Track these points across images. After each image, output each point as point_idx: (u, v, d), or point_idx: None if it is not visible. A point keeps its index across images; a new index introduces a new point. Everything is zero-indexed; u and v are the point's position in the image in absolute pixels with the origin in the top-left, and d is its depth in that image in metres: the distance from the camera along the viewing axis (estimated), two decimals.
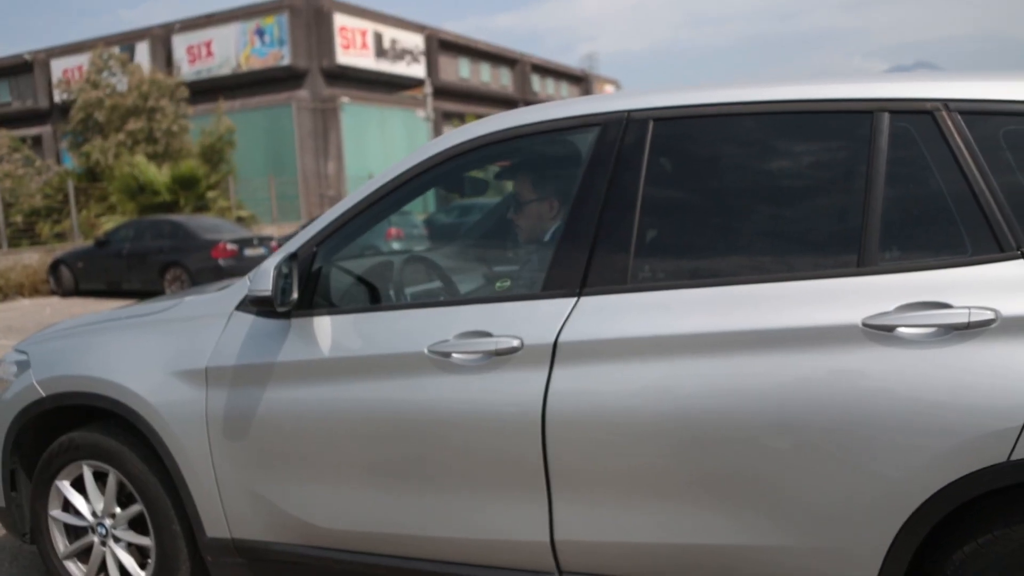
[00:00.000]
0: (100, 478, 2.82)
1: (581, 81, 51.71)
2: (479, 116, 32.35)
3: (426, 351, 2.21)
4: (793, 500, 1.91)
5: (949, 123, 1.90)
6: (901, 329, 1.81)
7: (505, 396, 2.11)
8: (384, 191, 2.46)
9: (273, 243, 14.38)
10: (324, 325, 2.38)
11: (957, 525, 1.83)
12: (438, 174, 2.46)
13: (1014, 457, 1.71)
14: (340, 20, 30.23)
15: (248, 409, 2.45)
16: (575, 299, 2.11)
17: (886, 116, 1.95)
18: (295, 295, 2.37)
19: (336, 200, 29.40)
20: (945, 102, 1.92)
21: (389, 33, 32.78)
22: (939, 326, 1.79)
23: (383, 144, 32.34)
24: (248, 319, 2.51)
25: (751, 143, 2.12)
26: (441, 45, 35.97)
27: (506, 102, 41.80)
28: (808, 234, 2.03)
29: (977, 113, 1.90)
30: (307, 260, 2.45)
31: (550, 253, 2.24)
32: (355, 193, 2.51)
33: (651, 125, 2.15)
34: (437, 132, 32.81)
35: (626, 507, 2.05)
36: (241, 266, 13.12)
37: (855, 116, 1.98)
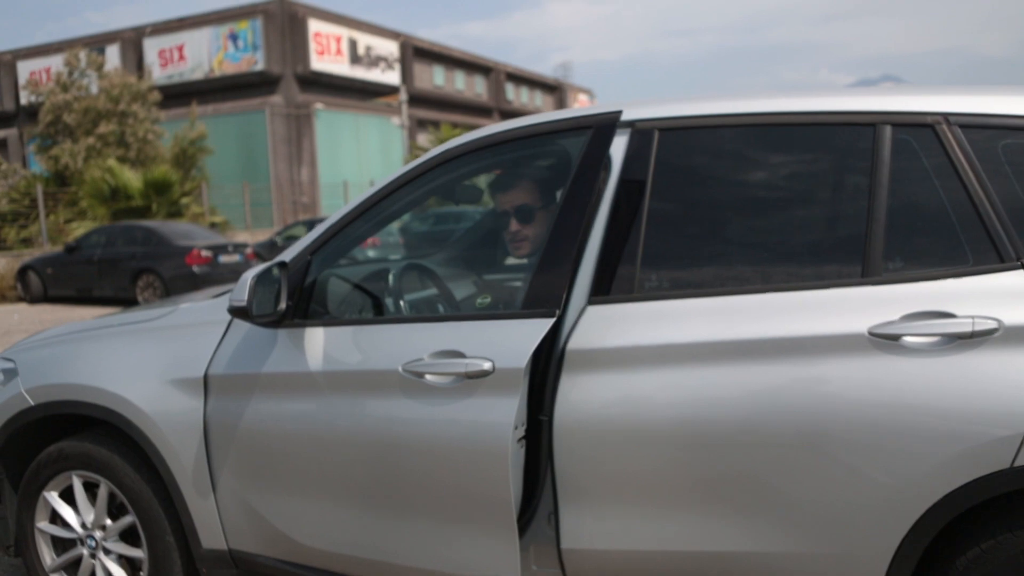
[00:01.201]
0: (90, 489, 2.77)
1: (555, 90, 51.95)
2: (454, 124, 32.36)
3: (400, 370, 2.18)
4: (800, 506, 1.92)
5: (950, 136, 1.94)
6: (906, 338, 1.84)
7: (474, 423, 2.07)
8: (378, 197, 2.45)
9: (248, 250, 14.24)
10: (310, 337, 2.36)
11: (961, 531, 1.86)
12: (432, 179, 2.45)
13: (1017, 463, 1.75)
14: (315, 26, 30.10)
15: (242, 419, 2.42)
16: (552, 320, 2.07)
17: (888, 129, 1.99)
18: (283, 305, 2.34)
19: (309, 207, 29.20)
20: (946, 115, 1.96)
21: (364, 40, 32.70)
22: (943, 335, 1.82)
23: (357, 151, 32.23)
24: (246, 328, 2.48)
25: (756, 154, 2.14)
26: (416, 52, 35.95)
27: (480, 110, 41.89)
28: (813, 244, 2.05)
29: (977, 127, 1.94)
30: (301, 269, 2.43)
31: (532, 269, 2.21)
32: (352, 201, 2.50)
33: (655, 136, 2.17)
34: (412, 140, 32.77)
35: (634, 515, 2.06)
36: (216, 273, 12.97)
37: (858, 128, 2.02)
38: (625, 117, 2.22)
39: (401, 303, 2.69)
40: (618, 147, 2.20)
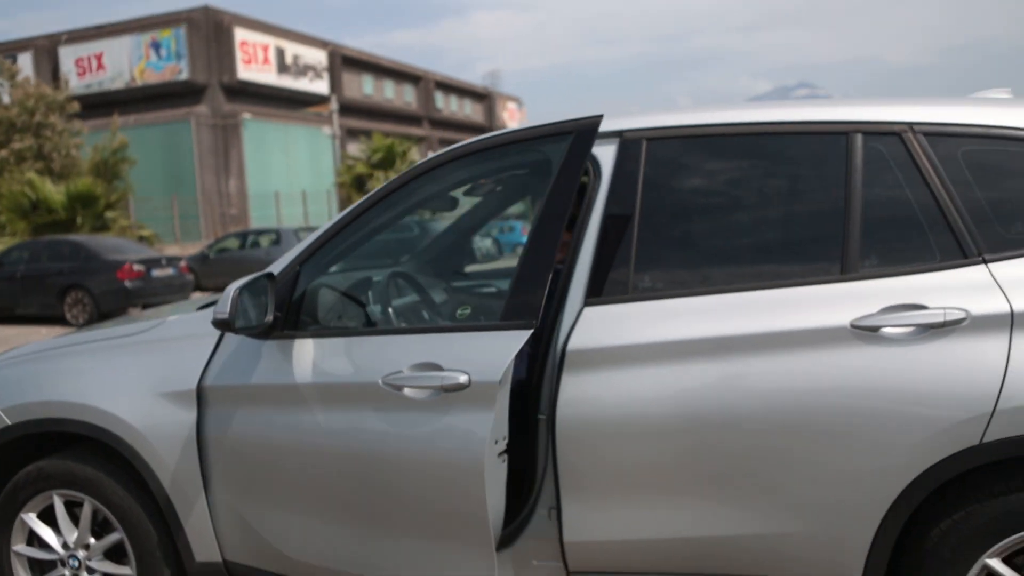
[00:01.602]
0: (70, 508, 2.71)
1: (484, 98, 52.23)
2: (386, 134, 32.09)
3: (380, 382, 2.19)
4: (792, 489, 2.05)
5: (915, 143, 2.11)
6: (885, 329, 2.00)
7: (450, 437, 2.09)
8: (366, 206, 2.48)
9: (182, 263, 13.89)
10: (298, 348, 2.37)
11: (936, 504, 2.02)
12: (417, 188, 2.49)
13: (986, 440, 1.91)
14: (241, 35, 29.57)
15: (235, 430, 2.42)
16: (529, 331, 2.09)
17: (860, 137, 2.15)
18: (270, 317, 2.34)
19: (239, 219, 28.60)
20: (911, 124, 2.13)
21: (291, 48, 32.27)
22: (918, 325, 1.98)
23: (286, 161, 31.73)
24: (239, 339, 2.49)
25: (740, 161, 2.28)
26: (344, 61, 35.65)
27: (410, 119, 41.78)
28: (795, 244, 2.20)
29: (939, 135, 2.11)
30: (289, 281, 2.44)
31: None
32: (342, 211, 2.53)
33: (643, 145, 2.28)
34: (343, 149, 32.44)
35: (634, 505, 2.16)
36: (149, 288, 12.62)
37: (833, 137, 2.17)
38: (614, 127, 2.32)
39: (385, 313, 2.72)
40: (608, 156, 2.30)
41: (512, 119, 57.40)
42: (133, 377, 2.56)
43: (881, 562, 2.02)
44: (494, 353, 2.08)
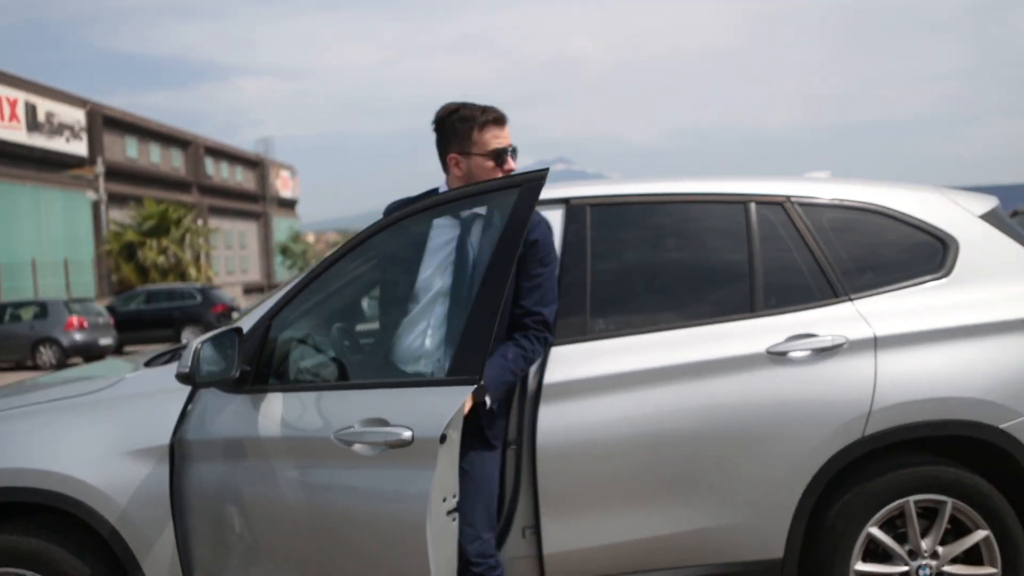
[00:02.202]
0: None
1: (257, 165, 50.93)
2: (156, 200, 30.08)
3: (332, 437, 2.25)
4: (728, 489, 2.55)
5: (794, 211, 2.76)
6: (791, 353, 2.58)
7: (394, 494, 2.15)
8: (328, 263, 2.57)
9: None
10: (264, 402, 2.44)
11: (834, 489, 2.60)
12: (379, 243, 2.59)
13: (866, 433, 2.53)
14: None
15: (208, 484, 2.45)
16: (472, 387, 2.16)
17: (754, 205, 2.76)
18: (235, 372, 2.37)
19: None
20: (788, 197, 2.78)
21: (45, 105, 29.64)
22: (813, 350, 2.59)
23: (38, 227, 28.77)
24: (211, 393, 2.50)
25: (668, 224, 2.81)
26: (106, 122, 33.33)
27: (179, 184, 39.74)
28: (717, 289, 2.75)
29: (809, 205, 2.78)
30: (259, 335, 2.49)
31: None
32: (308, 268, 2.64)
33: (588, 211, 2.74)
34: (107, 215, 30.12)
35: (606, 515, 2.53)
36: None
37: (736, 205, 2.77)
38: (560, 195, 2.75)
39: (343, 367, 2.81)
40: (557, 220, 2.72)
41: (285, 188, 56.36)
42: (94, 438, 2.50)
43: (796, 540, 2.56)
44: (438, 408, 2.14)
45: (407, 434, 2.14)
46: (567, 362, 2.57)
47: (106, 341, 17.48)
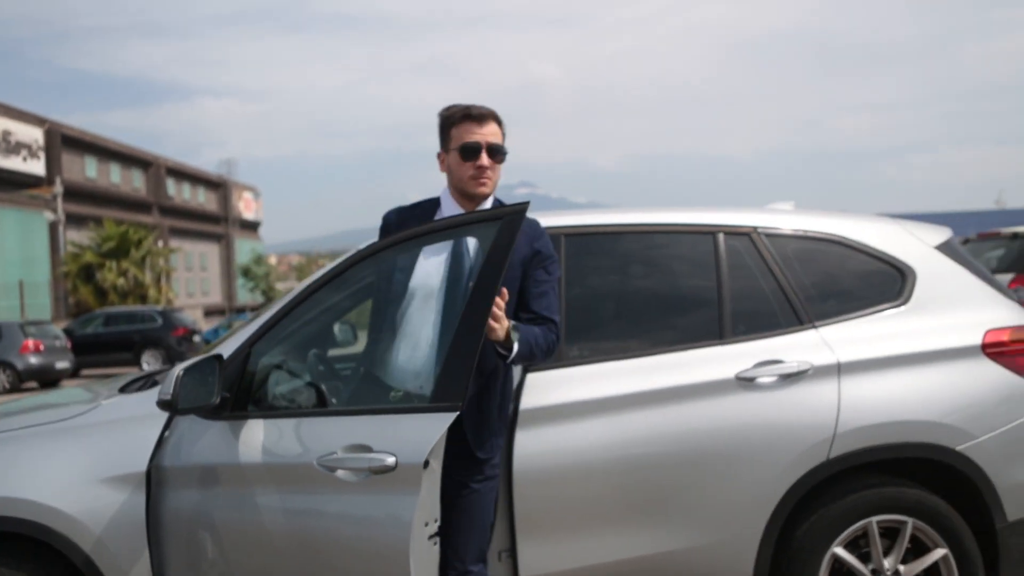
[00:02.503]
0: None
1: (219, 187, 50.45)
2: (116, 220, 29.60)
3: (315, 463, 2.26)
4: (697, 511, 2.62)
5: (761, 242, 2.86)
6: (759, 379, 2.67)
7: (378, 520, 2.17)
8: (309, 291, 2.60)
9: None
10: (244, 429, 2.44)
11: (800, 511, 2.68)
12: (359, 272, 2.62)
13: (831, 456, 2.62)
14: None
15: (187, 510, 2.45)
16: (455, 414, 2.16)
17: (723, 236, 2.86)
18: (216, 399, 2.39)
19: None
20: (755, 228, 2.89)
21: (1, 124, 29.14)
22: (780, 375, 2.68)
23: None
24: (189, 419, 2.50)
25: (639, 253, 2.90)
26: (65, 141, 32.83)
27: (139, 205, 39.20)
28: (687, 317, 2.83)
29: (774, 236, 2.89)
30: (239, 362, 2.52)
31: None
32: (287, 295, 2.66)
33: (562, 240, 2.81)
34: (65, 236, 29.56)
35: (581, 537, 2.58)
36: None
37: (705, 236, 2.86)
38: None
39: (322, 393, 2.82)
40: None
41: (248, 209, 55.87)
42: (67, 464, 2.49)
43: (765, 561, 2.64)
44: (421, 434, 2.16)
45: (391, 460, 2.16)
46: (542, 388, 2.63)
47: (63, 365, 17.09)
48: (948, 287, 2.89)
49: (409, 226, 2.46)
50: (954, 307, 2.85)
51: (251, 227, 57.54)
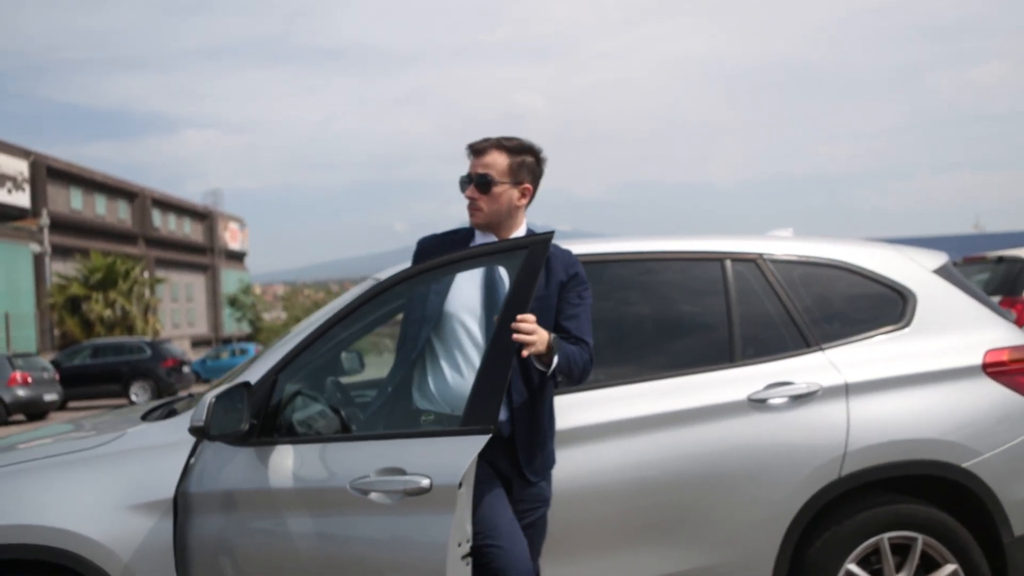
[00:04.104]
0: None
1: (205, 218, 50.34)
2: (102, 252, 29.41)
3: (348, 487, 2.29)
4: (712, 530, 2.68)
5: (767, 268, 2.96)
6: (771, 400, 2.75)
7: (413, 541, 2.21)
8: (339, 317, 2.62)
9: None
10: (273, 454, 2.48)
11: (814, 527, 2.75)
12: (388, 300, 2.67)
13: (843, 474, 2.70)
14: None
15: (214, 537, 2.48)
16: (488, 436, 2.20)
17: (730, 262, 2.96)
18: (246, 425, 2.43)
19: None
20: (761, 254, 2.99)
21: None
22: (791, 396, 2.76)
23: None
24: (215, 446, 2.54)
25: (653, 280, 2.99)
26: (50, 173, 32.74)
27: (125, 237, 39.05)
28: (699, 341, 2.92)
29: (779, 262, 2.99)
30: (266, 389, 2.56)
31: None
32: (314, 322, 2.75)
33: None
34: (51, 268, 29.38)
35: (601, 557, 2.64)
36: None
37: (713, 262, 2.96)
38: None
39: (348, 419, 2.85)
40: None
41: (234, 240, 55.75)
42: (95, 492, 2.53)
43: (782, 573, 2.70)
44: (455, 457, 2.20)
45: (425, 482, 2.21)
46: (559, 411, 2.69)
47: (51, 397, 16.95)
48: (947, 309, 3.00)
49: (443, 253, 2.52)
50: (954, 328, 2.96)
51: (237, 257, 57.40)
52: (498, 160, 2.53)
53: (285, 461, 2.45)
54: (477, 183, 2.53)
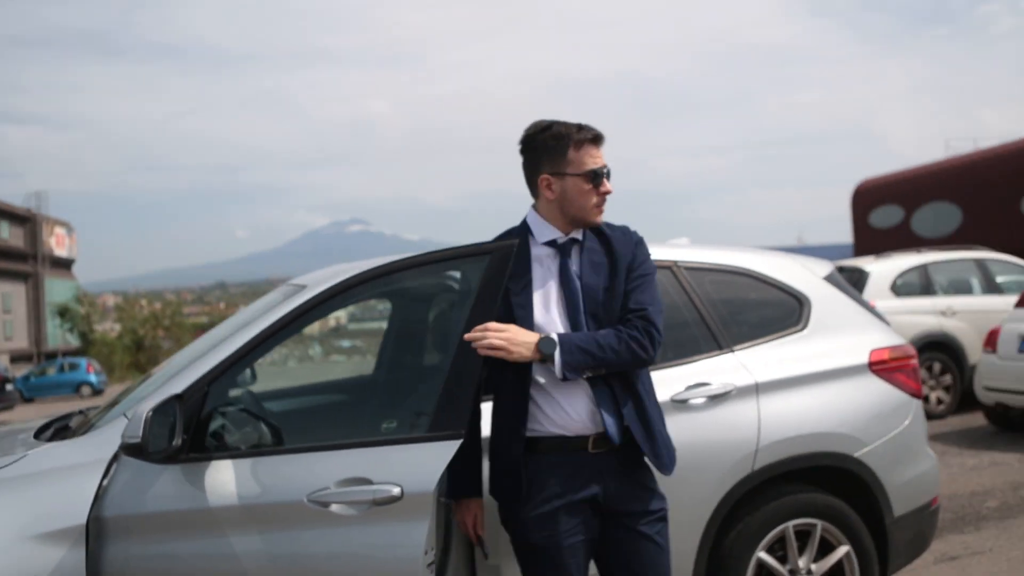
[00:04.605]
0: None
1: (27, 221, 46.32)
2: None
3: (305, 500, 2.21)
4: None
5: (682, 274, 3.12)
6: (691, 401, 2.89)
7: (383, 552, 2.16)
8: (281, 324, 2.52)
9: None
10: (209, 471, 2.31)
11: (729, 519, 2.92)
12: (333, 307, 2.60)
13: (755, 468, 2.89)
14: None
15: (136, 564, 2.29)
16: (459, 441, 2.19)
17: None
18: (178, 440, 2.24)
19: None
20: (676, 262, 3.14)
21: None
22: (708, 396, 2.92)
23: None
24: (135, 465, 2.33)
25: None
26: None
27: None
28: None
29: (692, 269, 3.16)
30: (197, 402, 2.39)
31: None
32: (251, 330, 2.54)
33: None
34: None
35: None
36: None
37: None
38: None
39: (298, 429, 2.72)
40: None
41: (60, 246, 51.61)
42: None
43: (701, 570, 2.85)
44: (426, 464, 2.18)
45: (396, 490, 2.16)
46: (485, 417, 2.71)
47: None
48: (836, 313, 3.28)
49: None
50: (843, 330, 3.24)
51: (64, 265, 53.13)
52: None
53: (224, 477, 2.30)
54: (608, 175, 2.39)
